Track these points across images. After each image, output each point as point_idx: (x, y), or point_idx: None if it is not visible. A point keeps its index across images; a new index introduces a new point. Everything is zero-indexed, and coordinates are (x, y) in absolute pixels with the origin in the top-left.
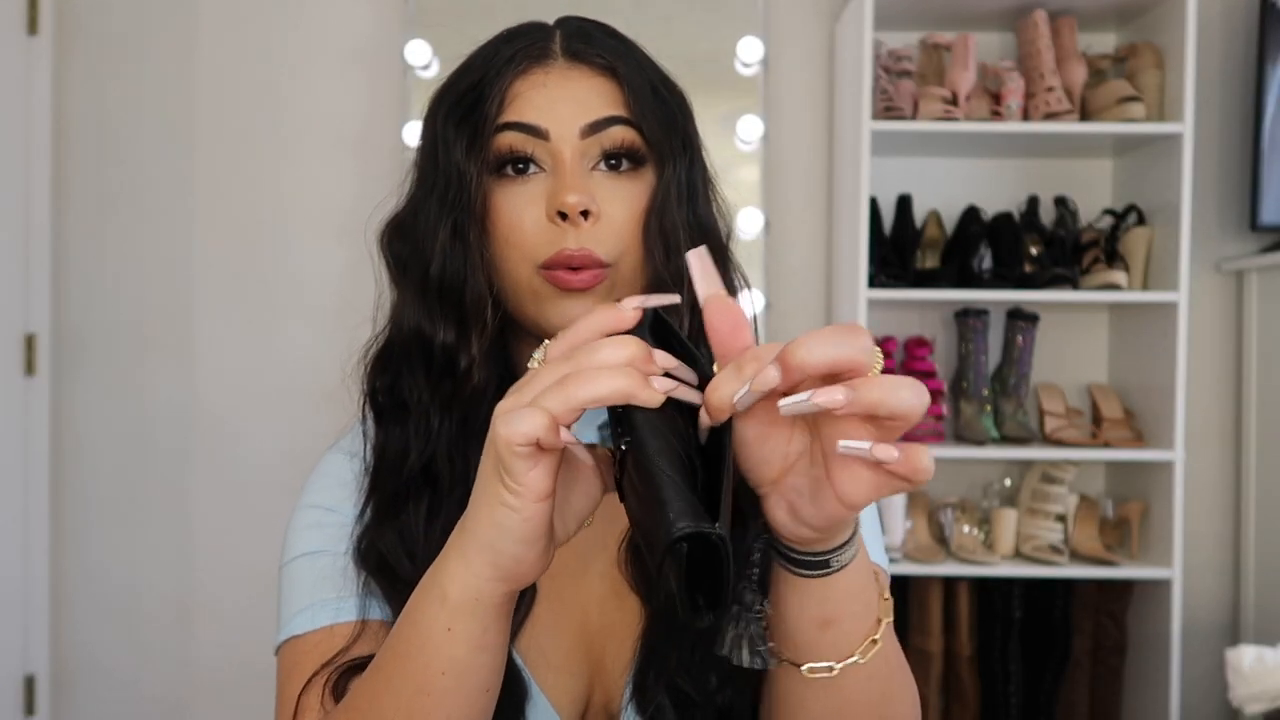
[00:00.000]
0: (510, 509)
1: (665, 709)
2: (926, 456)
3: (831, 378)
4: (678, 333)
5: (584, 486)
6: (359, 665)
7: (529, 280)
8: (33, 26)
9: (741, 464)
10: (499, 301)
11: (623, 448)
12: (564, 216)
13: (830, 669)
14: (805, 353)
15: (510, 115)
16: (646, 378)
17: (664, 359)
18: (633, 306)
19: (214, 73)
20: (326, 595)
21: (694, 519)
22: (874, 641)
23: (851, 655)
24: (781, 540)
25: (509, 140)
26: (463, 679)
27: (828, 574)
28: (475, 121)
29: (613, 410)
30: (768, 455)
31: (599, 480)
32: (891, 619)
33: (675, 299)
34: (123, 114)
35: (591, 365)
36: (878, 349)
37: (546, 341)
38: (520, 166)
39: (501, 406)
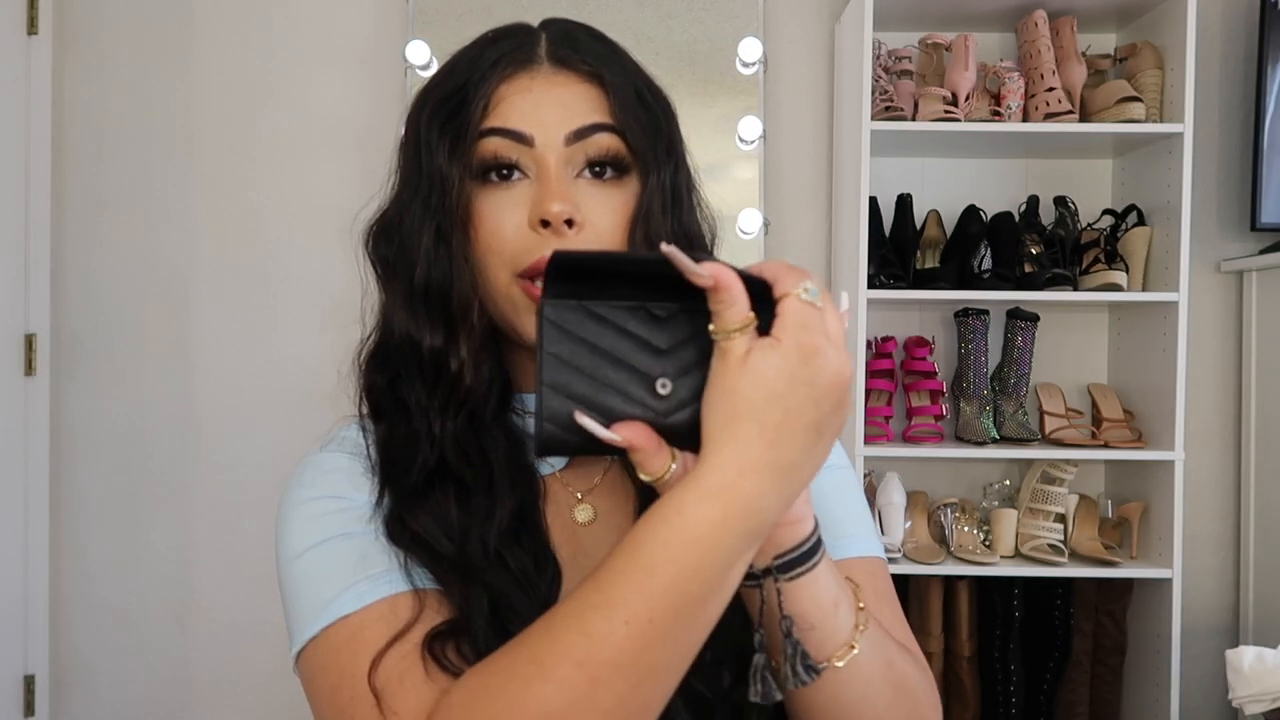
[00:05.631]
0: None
1: (678, 710)
2: None
3: None
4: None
5: None
6: (444, 634)
7: (506, 288)
8: (33, 26)
9: None
10: (484, 304)
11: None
12: (547, 225)
13: (851, 647)
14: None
15: (494, 121)
16: None
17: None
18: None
19: (214, 73)
20: (373, 570)
21: None
22: (861, 608)
23: (857, 625)
24: (788, 551)
25: (493, 146)
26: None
27: (818, 560)
28: (459, 125)
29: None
30: None
31: None
32: (858, 584)
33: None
34: (122, 114)
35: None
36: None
37: (810, 279)
38: (504, 173)
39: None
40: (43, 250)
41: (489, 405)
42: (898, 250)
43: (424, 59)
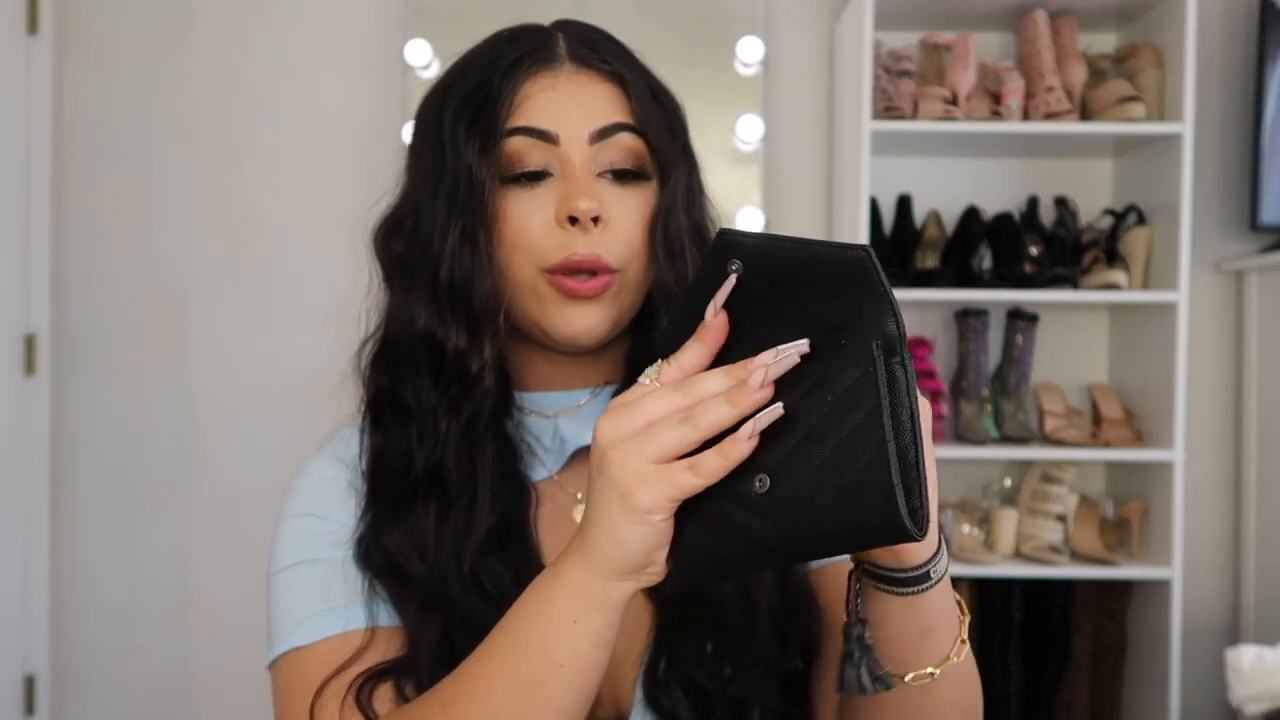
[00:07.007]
0: (640, 533)
1: (680, 702)
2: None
3: None
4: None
5: None
6: (381, 673)
7: (532, 282)
8: (33, 26)
9: None
10: (508, 306)
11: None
12: (574, 221)
13: (931, 674)
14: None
15: (520, 119)
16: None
17: (763, 361)
18: (715, 313)
19: (214, 73)
20: (330, 604)
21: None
22: (963, 641)
23: (947, 657)
24: (882, 566)
25: (518, 144)
26: (582, 673)
27: (929, 586)
28: (486, 124)
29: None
30: None
31: None
32: (969, 617)
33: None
34: (123, 114)
35: (709, 425)
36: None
37: (660, 362)
38: (533, 174)
39: (624, 453)
40: (43, 250)
41: (486, 408)
42: (898, 250)
43: (424, 59)
